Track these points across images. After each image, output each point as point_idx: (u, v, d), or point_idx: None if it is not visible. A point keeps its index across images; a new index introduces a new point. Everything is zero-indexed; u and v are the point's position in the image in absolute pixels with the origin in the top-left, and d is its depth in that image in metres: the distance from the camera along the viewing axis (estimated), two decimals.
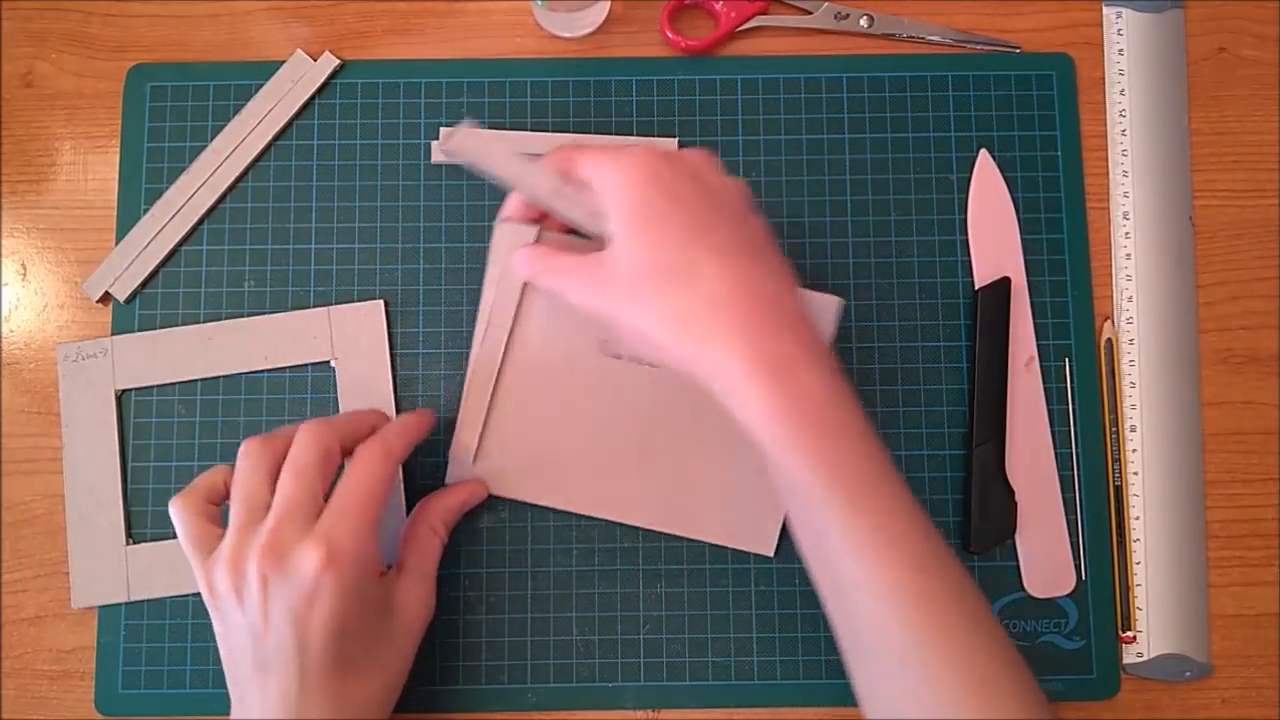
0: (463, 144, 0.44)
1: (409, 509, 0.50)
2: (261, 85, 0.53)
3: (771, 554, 0.49)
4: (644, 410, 0.49)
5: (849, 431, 0.39)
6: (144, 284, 0.52)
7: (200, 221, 0.53)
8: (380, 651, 0.42)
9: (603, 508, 0.49)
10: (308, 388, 0.51)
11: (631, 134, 0.53)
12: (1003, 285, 0.51)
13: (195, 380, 0.51)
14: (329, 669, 0.40)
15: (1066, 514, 0.50)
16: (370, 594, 0.41)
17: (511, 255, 0.46)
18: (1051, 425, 0.51)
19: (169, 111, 0.54)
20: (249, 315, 0.52)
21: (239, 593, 0.40)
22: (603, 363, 0.49)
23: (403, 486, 0.50)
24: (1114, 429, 0.51)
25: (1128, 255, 0.53)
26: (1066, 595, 0.50)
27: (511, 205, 0.47)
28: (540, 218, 0.47)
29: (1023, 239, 0.53)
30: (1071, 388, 0.51)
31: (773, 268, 0.42)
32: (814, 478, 0.38)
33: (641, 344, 0.41)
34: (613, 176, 0.41)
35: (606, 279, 0.41)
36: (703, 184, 0.42)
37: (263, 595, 0.39)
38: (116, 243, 0.52)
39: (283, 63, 0.54)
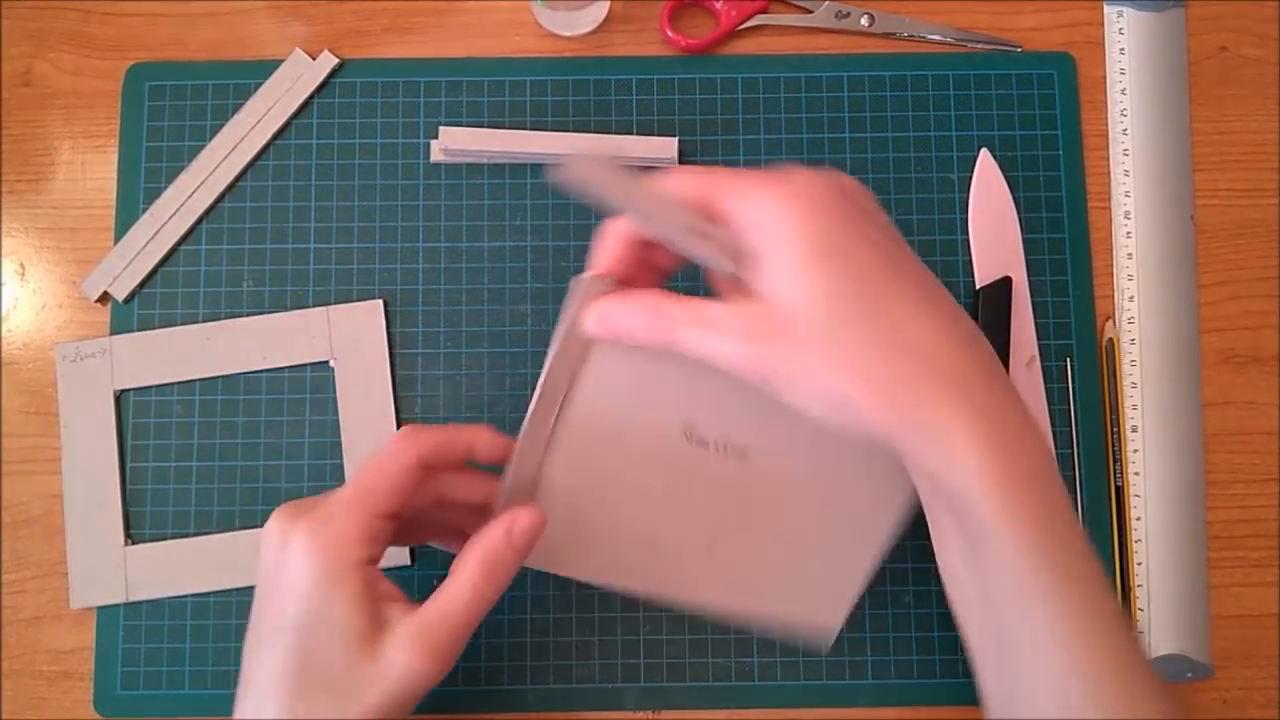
0: (586, 175, 0.37)
1: None
2: (260, 84, 0.53)
3: (837, 627, 0.44)
4: (725, 501, 0.43)
5: (1061, 506, 0.35)
6: (143, 284, 0.52)
7: (199, 221, 0.52)
8: (340, 681, 0.36)
9: (662, 589, 0.44)
10: (306, 388, 0.51)
11: (631, 133, 0.53)
12: (1004, 285, 0.51)
13: (194, 380, 0.51)
14: (283, 666, 0.36)
15: None
16: (343, 603, 0.36)
17: (600, 310, 0.38)
18: (1052, 425, 0.51)
19: (167, 111, 0.53)
20: (248, 315, 0.52)
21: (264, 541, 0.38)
22: (686, 450, 0.42)
23: None
24: (1115, 429, 0.51)
25: (1129, 255, 0.53)
26: None
27: (604, 255, 0.39)
28: (632, 272, 0.40)
29: (1024, 238, 0.53)
30: (1072, 387, 0.51)
31: (967, 318, 0.37)
32: (1024, 557, 0.34)
33: (826, 406, 0.34)
34: (771, 206, 0.35)
35: (777, 330, 0.34)
36: (878, 218, 0.37)
37: (263, 554, 0.37)
38: (115, 242, 0.52)
39: (281, 62, 0.54)
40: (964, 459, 0.33)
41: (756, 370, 0.35)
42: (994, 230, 0.53)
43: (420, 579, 0.50)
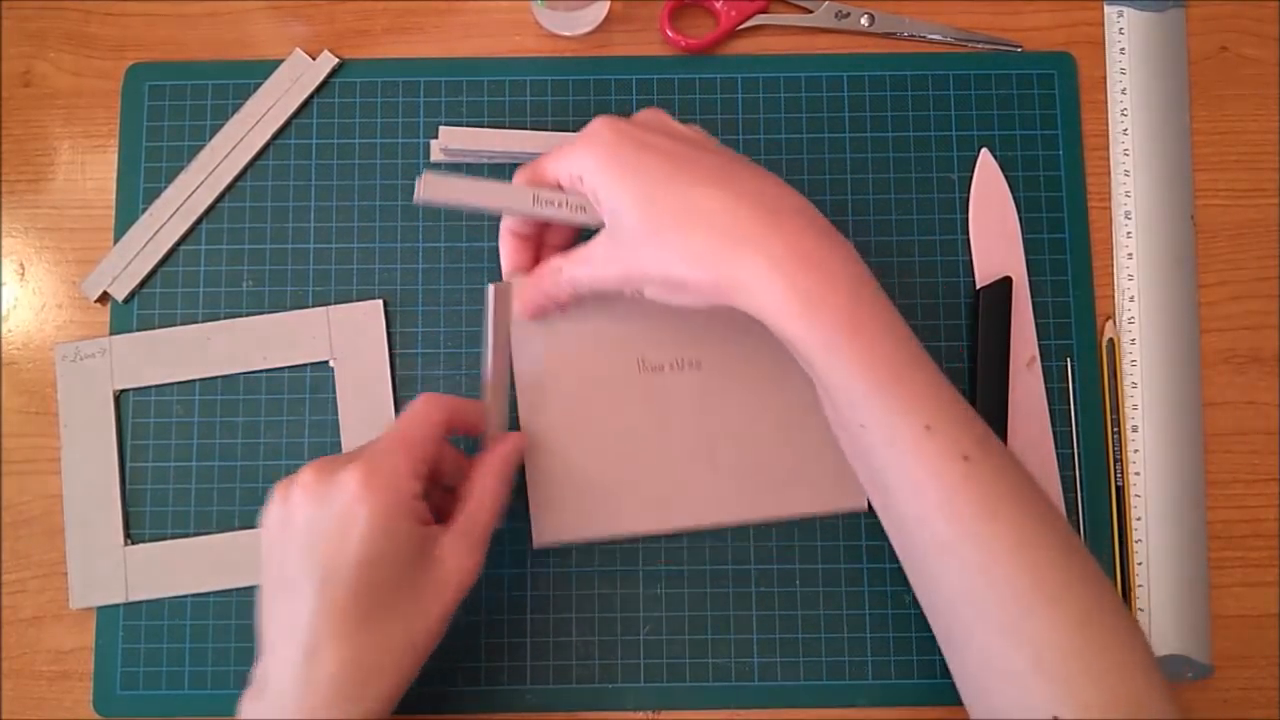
0: (434, 191, 0.43)
1: None
2: (260, 84, 0.53)
3: (865, 508, 0.49)
4: (702, 411, 0.49)
5: (882, 321, 0.39)
6: (142, 284, 0.52)
7: (199, 221, 0.52)
8: (405, 603, 0.40)
9: (680, 519, 0.49)
10: (306, 388, 0.51)
11: None
12: (1004, 285, 0.51)
13: (194, 380, 0.51)
14: (348, 603, 0.38)
15: (1068, 514, 0.50)
16: (405, 535, 0.40)
17: (519, 296, 0.47)
18: (1053, 425, 0.51)
19: (167, 110, 0.53)
20: (247, 315, 0.52)
21: (284, 498, 0.40)
22: (646, 379, 0.49)
23: None
24: (1115, 429, 0.51)
25: (1129, 255, 0.53)
26: None
27: (506, 257, 0.47)
28: (535, 259, 0.47)
29: (1024, 238, 0.53)
30: (1073, 388, 0.51)
31: (770, 180, 0.42)
32: (850, 370, 0.38)
33: (676, 290, 0.41)
34: (574, 158, 0.42)
35: (619, 244, 0.41)
36: (665, 130, 0.43)
37: (303, 506, 0.40)
38: (115, 242, 0.52)
39: (281, 61, 0.54)
40: (773, 292, 0.38)
41: (628, 282, 0.42)
42: (994, 230, 0.53)
43: None
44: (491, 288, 0.44)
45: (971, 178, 0.53)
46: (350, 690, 0.39)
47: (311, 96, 0.53)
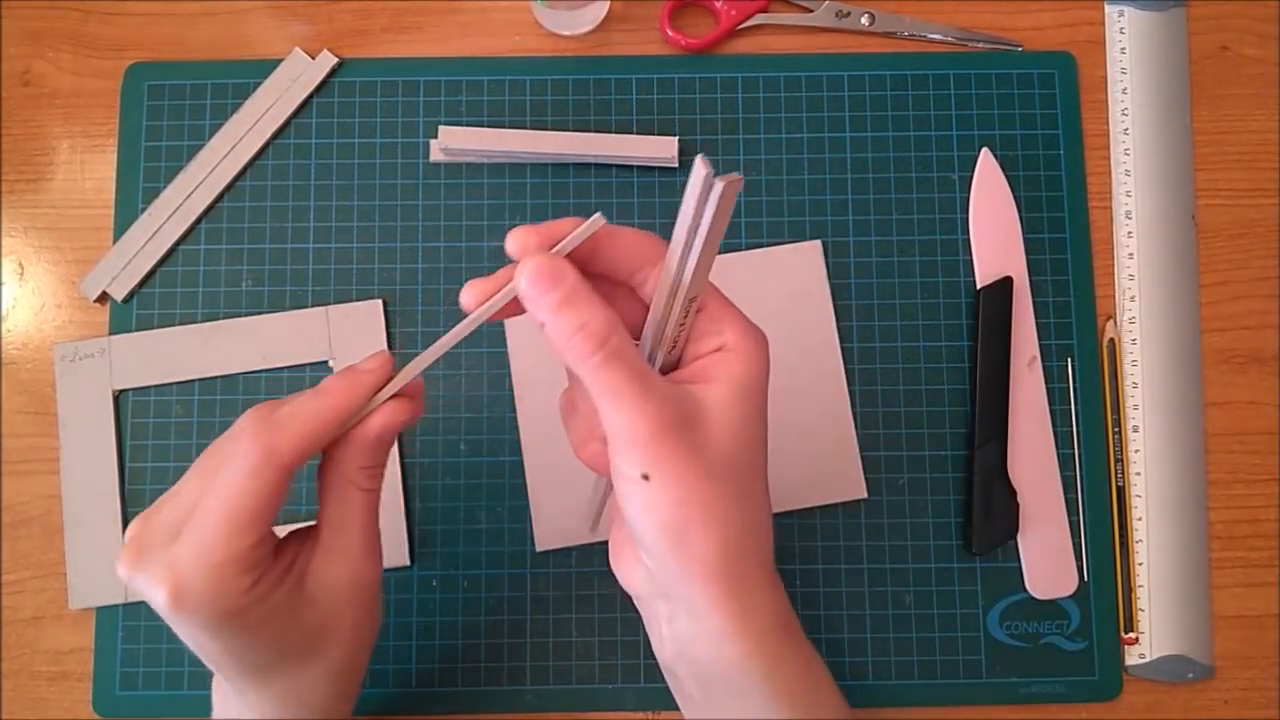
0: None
1: (408, 509, 0.50)
2: (259, 84, 0.53)
3: (865, 495, 0.50)
4: None
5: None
6: (141, 283, 0.52)
7: (198, 221, 0.52)
8: (301, 645, 0.36)
9: None
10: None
11: (631, 133, 0.53)
12: (1005, 285, 0.51)
13: (193, 380, 0.51)
14: (242, 675, 0.36)
15: (1069, 515, 0.50)
16: (252, 614, 0.33)
17: (549, 278, 0.32)
18: (1054, 425, 0.51)
19: (167, 110, 0.53)
20: (247, 315, 0.52)
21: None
22: None
23: (401, 486, 0.50)
24: (1116, 429, 0.51)
25: (1130, 255, 0.53)
26: (1069, 596, 0.50)
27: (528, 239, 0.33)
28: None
29: (1025, 238, 0.52)
30: (1074, 388, 0.51)
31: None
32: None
33: (657, 528, 0.32)
34: (751, 340, 0.34)
35: (690, 439, 0.32)
36: None
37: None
38: (114, 242, 0.52)
39: (281, 61, 0.53)
40: (736, 648, 0.33)
41: (645, 459, 0.32)
42: (995, 230, 0.52)
43: (420, 579, 0.50)
44: (721, 181, 0.29)
45: (972, 177, 0.53)
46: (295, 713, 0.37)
47: (311, 96, 0.53)
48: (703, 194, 0.29)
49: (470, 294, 0.33)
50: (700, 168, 0.29)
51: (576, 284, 0.31)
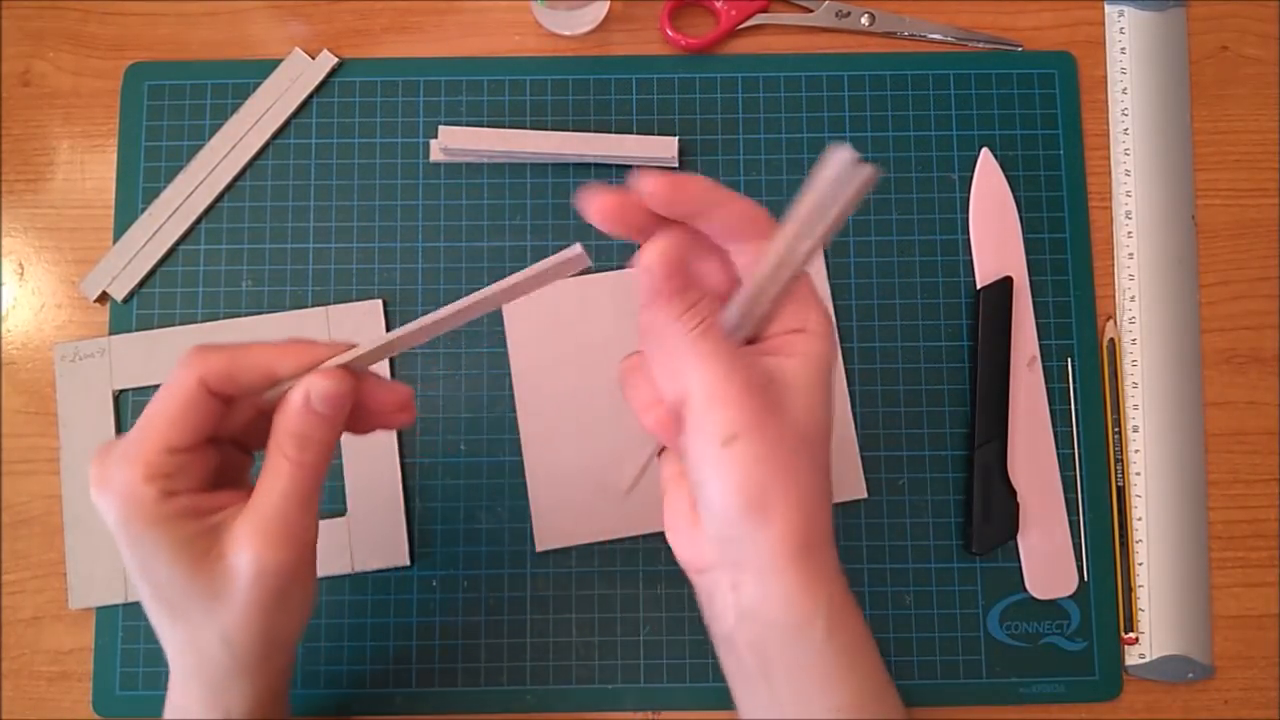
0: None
1: (408, 509, 0.50)
2: (259, 84, 0.53)
3: (865, 495, 0.50)
4: None
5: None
6: (141, 283, 0.52)
7: (198, 221, 0.52)
8: (200, 598, 0.36)
9: None
10: None
11: (631, 133, 0.53)
12: (1005, 285, 0.51)
13: None
14: (155, 605, 0.37)
15: (1069, 515, 0.50)
16: (155, 540, 0.34)
17: (663, 252, 0.34)
18: (1054, 425, 0.51)
19: (167, 110, 0.53)
20: (247, 315, 0.52)
21: None
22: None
23: (401, 486, 0.50)
24: (1116, 429, 0.51)
25: (1130, 254, 0.53)
26: (1069, 596, 0.50)
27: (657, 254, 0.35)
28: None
29: (1025, 238, 0.52)
30: (1074, 388, 0.51)
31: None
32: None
33: (736, 488, 0.33)
34: (828, 324, 0.36)
35: (776, 406, 0.34)
36: None
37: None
38: (114, 242, 0.52)
39: (281, 61, 0.53)
40: (810, 604, 0.35)
41: (731, 420, 0.33)
42: (995, 230, 0.52)
43: (420, 579, 0.50)
44: (866, 168, 0.32)
45: (972, 177, 0.53)
46: (188, 681, 0.38)
47: (311, 96, 0.53)
48: (838, 180, 0.30)
49: (598, 205, 0.35)
50: (845, 153, 0.30)
51: (690, 267, 0.34)
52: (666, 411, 0.35)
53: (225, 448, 0.37)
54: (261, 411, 0.37)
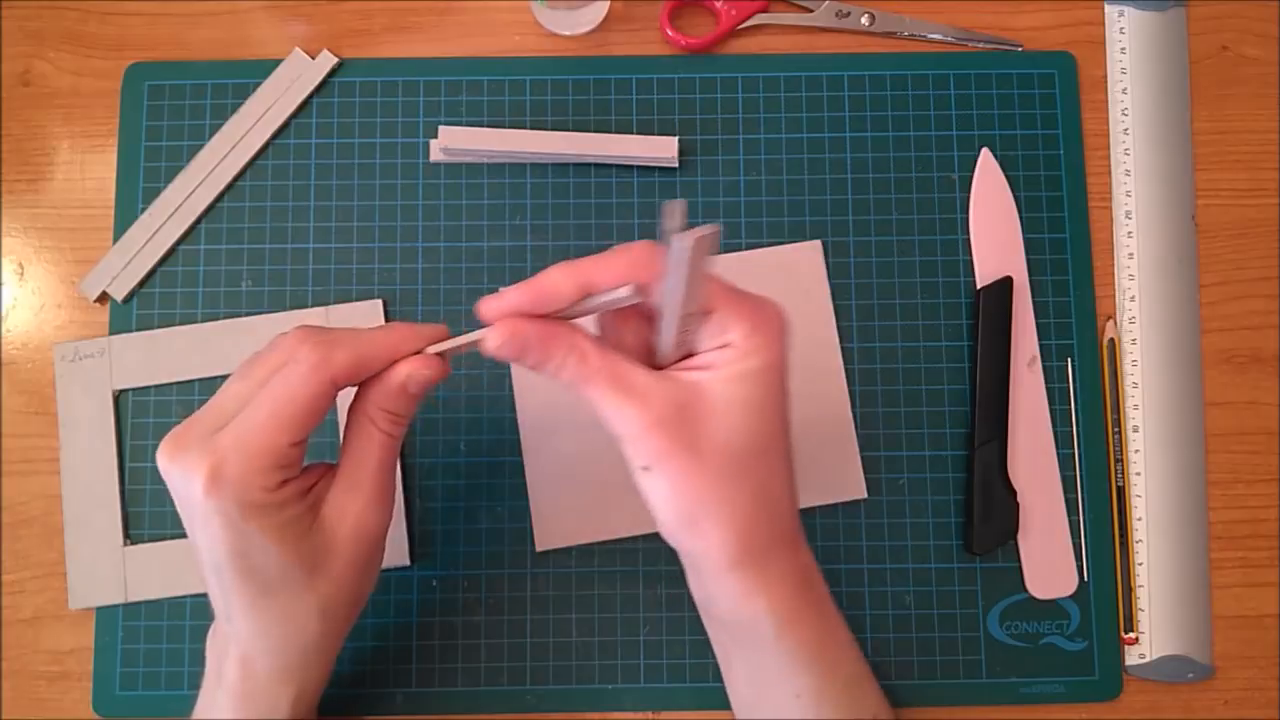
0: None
1: (408, 509, 0.50)
2: (259, 84, 0.53)
3: (865, 495, 0.50)
4: None
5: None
6: (141, 283, 0.52)
7: (198, 221, 0.52)
8: (300, 572, 0.37)
9: None
10: None
11: (631, 132, 0.53)
12: (1005, 285, 0.51)
13: (193, 380, 0.51)
14: (240, 588, 0.37)
15: (1069, 515, 0.50)
16: (263, 528, 0.35)
17: (510, 329, 0.35)
18: (1054, 425, 0.51)
19: (167, 110, 0.53)
20: (247, 315, 0.52)
21: (163, 470, 0.36)
22: None
23: (401, 486, 0.50)
24: (1116, 429, 0.51)
25: (1130, 255, 0.53)
26: (1069, 596, 0.50)
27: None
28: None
29: (1025, 238, 0.52)
30: (1074, 388, 0.51)
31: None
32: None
33: (673, 515, 0.35)
34: (760, 334, 0.35)
35: (683, 436, 0.34)
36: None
37: (171, 483, 0.36)
38: (114, 242, 0.52)
39: (281, 61, 0.53)
40: (751, 609, 0.37)
41: (644, 453, 0.34)
42: (995, 230, 0.52)
43: (420, 579, 0.50)
44: (689, 238, 0.31)
45: (972, 177, 0.53)
46: (265, 660, 0.39)
47: (311, 96, 0.53)
48: (677, 252, 0.31)
49: (483, 311, 0.36)
50: (673, 237, 0.30)
51: (540, 339, 0.34)
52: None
53: None
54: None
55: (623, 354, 0.36)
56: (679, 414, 0.34)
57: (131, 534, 0.50)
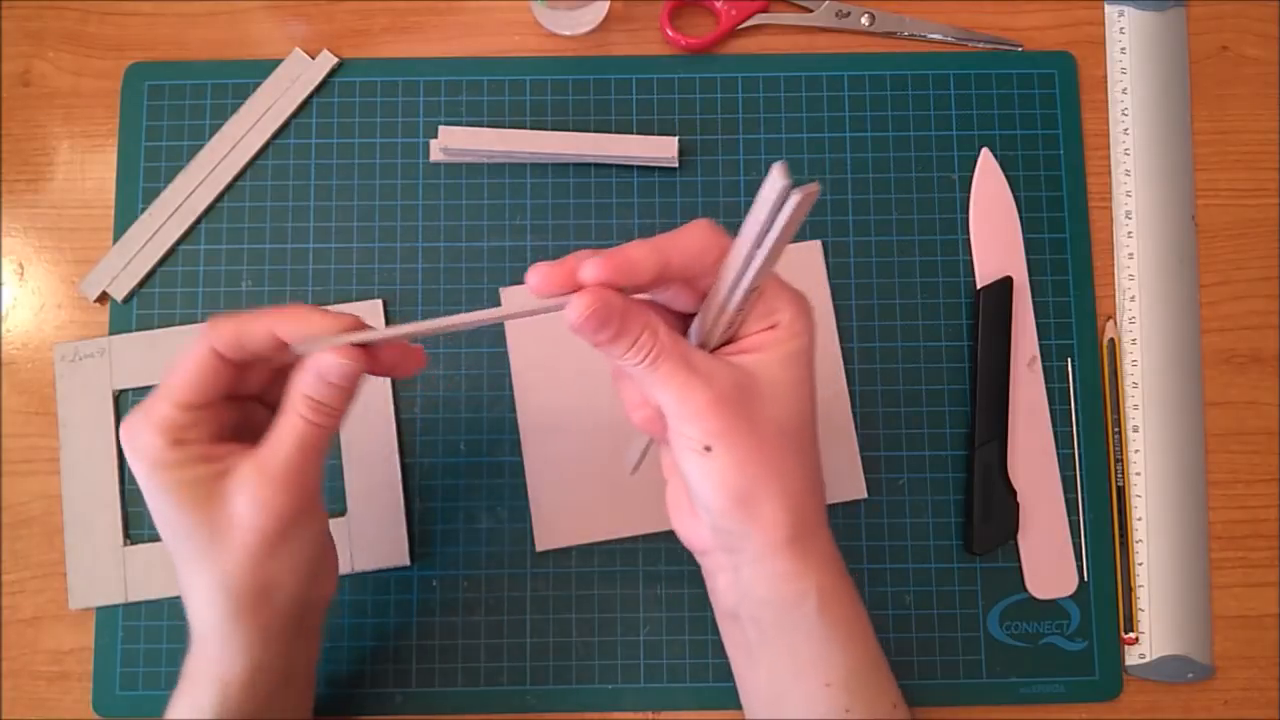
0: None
1: (408, 509, 0.50)
2: (259, 84, 0.53)
3: (865, 495, 0.50)
4: None
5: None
6: (141, 283, 0.52)
7: (198, 221, 0.52)
8: (201, 539, 0.37)
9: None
10: None
11: (631, 132, 0.53)
12: (1005, 285, 0.51)
13: None
14: (172, 544, 0.38)
15: (1069, 514, 0.50)
16: (172, 473, 0.37)
17: (591, 304, 0.33)
18: (1054, 425, 0.51)
19: (167, 110, 0.53)
20: None
21: None
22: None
23: (401, 486, 0.50)
24: (1116, 429, 0.51)
25: (1130, 255, 0.53)
26: (1069, 596, 0.50)
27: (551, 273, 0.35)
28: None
29: (1025, 238, 0.52)
30: (1074, 388, 0.51)
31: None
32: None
33: (726, 493, 0.35)
34: (802, 316, 0.36)
35: (749, 410, 0.35)
36: None
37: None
38: (114, 242, 0.52)
39: (281, 61, 0.53)
40: (799, 586, 0.38)
41: (706, 431, 0.35)
42: (995, 230, 0.52)
43: (420, 579, 0.50)
44: (798, 193, 0.30)
45: (972, 177, 0.53)
46: (194, 645, 0.39)
47: (311, 96, 0.53)
48: (777, 204, 0.31)
49: (538, 278, 0.34)
50: (778, 178, 0.30)
51: (622, 313, 0.34)
52: (654, 411, 0.37)
53: (248, 405, 0.40)
54: (281, 371, 0.39)
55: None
56: (739, 394, 0.35)
57: (131, 534, 0.50)
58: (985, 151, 0.53)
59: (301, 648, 0.42)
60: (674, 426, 0.35)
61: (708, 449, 0.35)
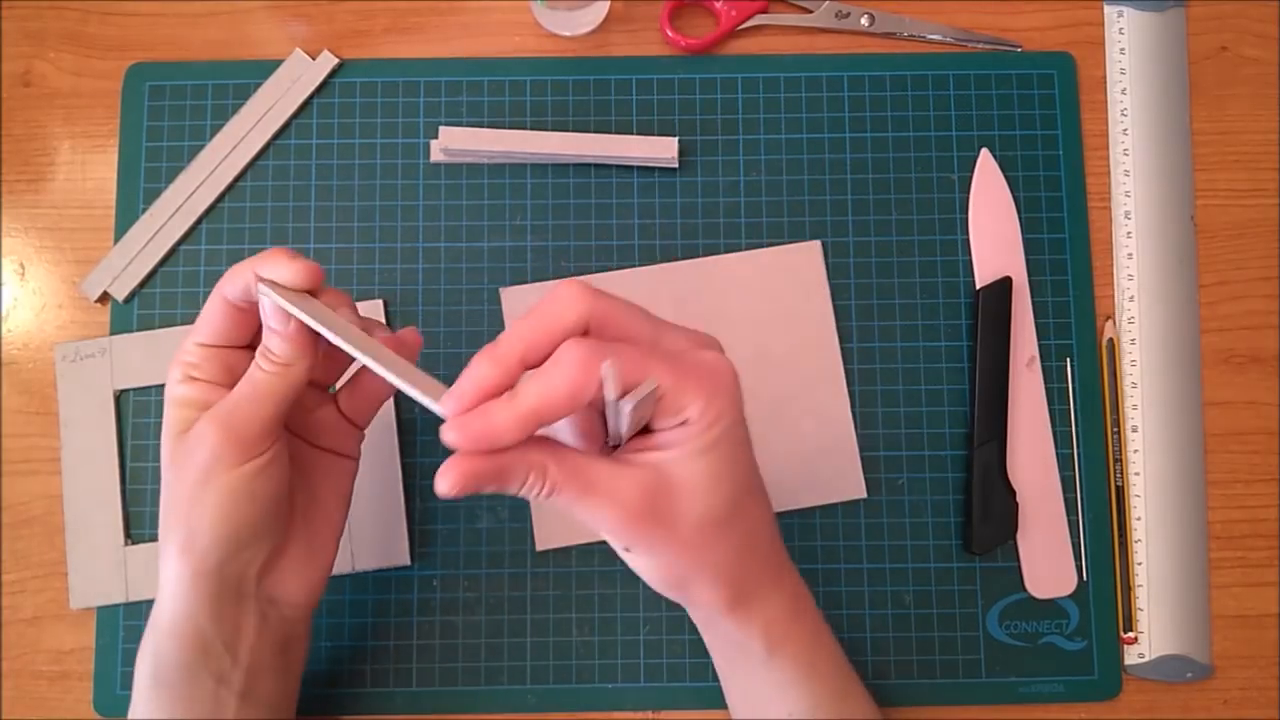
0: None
1: (409, 509, 0.50)
2: (260, 84, 0.53)
3: (865, 495, 0.50)
4: None
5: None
6: (142, 284, 0.52)
7: (199, 221, 0.52)
8: (167, 478, 0.39)
9: None
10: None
11: (631, 132, 0.53)
12: (1004, 285, 0.51)
13: None
14: (193, 537, 0.39)
15: (1068, 514, 0.50)
16: (171, 410, 0.39)
17: (475, 429, 0.32)
18: (1053, 425, 0.51)
19: (167, 111, 0.53)
20: None
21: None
22: None
23: (401, 486, 0.50)
24: (1115, 429, 0.51)
25: (1129, 255, 0.53)
26: (1068, 596, 0.50)
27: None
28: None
29: (1024, 238, 0.53)
30: (1073, 388, 0.51)
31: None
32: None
33: (668, 582, 0.37)
34: (716, 403, 0.34)
35: (660, 516, 0.34)
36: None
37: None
38: (115, 242, 0.52)
39: (281, 62, 0.53)
40: (743, 635, 0.39)
41: (625, 538, 0.35)
42: (994, 230, 0.53)
43: (420, 579, 0.50)
44: (629, 402, 0.32)
45: (971, 178, 0.53)
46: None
47: (311, 97, 0.53)
48: (615, 408, 0.32)
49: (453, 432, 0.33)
50: (609, 389, 0.31)
51: (497, 471, 0.33)
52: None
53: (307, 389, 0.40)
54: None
55: (573, 443, 0.35)
56: (649, 500, 0.34)
57: (132, 534, 0.50)
58: (985, 152, 0.53)
59: (247, 623, 0.40)
60: (600, 533, 0.36)
61: (626, 550, 0.36)
